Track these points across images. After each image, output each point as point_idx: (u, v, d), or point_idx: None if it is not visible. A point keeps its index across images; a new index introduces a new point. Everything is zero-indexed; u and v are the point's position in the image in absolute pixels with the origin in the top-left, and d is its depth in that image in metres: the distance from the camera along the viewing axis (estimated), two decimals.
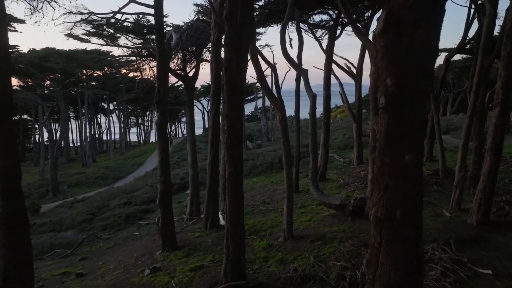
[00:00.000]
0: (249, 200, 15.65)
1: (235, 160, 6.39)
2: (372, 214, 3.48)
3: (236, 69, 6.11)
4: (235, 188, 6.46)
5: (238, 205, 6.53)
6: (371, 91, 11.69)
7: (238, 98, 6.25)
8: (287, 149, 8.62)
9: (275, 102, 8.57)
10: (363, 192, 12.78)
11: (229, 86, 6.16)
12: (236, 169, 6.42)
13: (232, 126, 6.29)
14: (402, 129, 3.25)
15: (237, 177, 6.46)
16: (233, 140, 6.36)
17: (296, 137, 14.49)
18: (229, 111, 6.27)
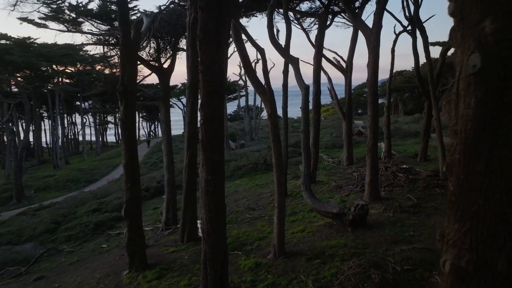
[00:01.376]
0: (232, 206, 14.16)
1: (215, 164, 4.90)
2: (449, 263, 2.03)
3: (215, 47, 4.62)
4: (215, 201, 4.96)
5: (218, 222, 5.04)
6: (369, 83, 10.38)
7: (218, 83, 4.75)
8: (278, 149, 7.17)
9: (263, 93, 7.11)
10: (359, 197, 11.47)
11: (206, 67, 4.64)
12: (215, 176, 4.93)
13: (211, 119, 4.79)
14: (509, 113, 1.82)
15: (217, 186, 4.97)
16: (212, 138, 4.86)
17: (284, 135, 13.07)
18: (207, 99, 4.77)
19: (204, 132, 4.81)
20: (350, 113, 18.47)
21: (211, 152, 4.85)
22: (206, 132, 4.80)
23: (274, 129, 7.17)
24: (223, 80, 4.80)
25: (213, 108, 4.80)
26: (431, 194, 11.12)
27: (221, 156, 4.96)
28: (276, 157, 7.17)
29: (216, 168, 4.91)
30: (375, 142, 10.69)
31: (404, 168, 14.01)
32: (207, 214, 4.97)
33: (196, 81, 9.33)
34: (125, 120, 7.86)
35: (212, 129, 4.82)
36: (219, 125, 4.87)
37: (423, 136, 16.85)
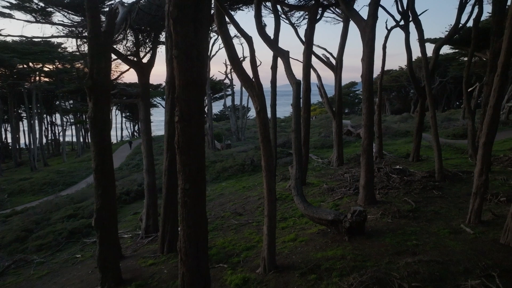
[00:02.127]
0: (218, 210, 13.30)
1: (193, 171, 4.05)
2: None
3: (193, 27, 3.77)
4: (194, 214, 4.12)
5: (198, 239, 4.20)
6: (364, 78, 9.66)
7: (197, 71, 3.90)
8: (268, 151, 6.35)
9: (251, 87, 6.28)
10: (353, 200, 10.76)
11: (182, 51, 3.80)
12: (195, 185, 4.08)
13: (188, 115, 3.95)
14: None
15: (197, 197, 4.12)
16: (190, 139, 4.02)
17: (272, 135, 12.27)
18: (183, 91, 3.92)
19: (180, 131, 3.95)
20: (340, 112, 17.79)
21: (188, 156, 4.00)
22: (182, 131, 3.95)
23: (263, 128, 6.35)
24: (202, 68, 3.94)
25: (191, 103, 3.95)
26: (428, 196, 10.48)
27: (201, 161, 4.11)
28: (266, 160, 6.34)
29: (195, 175, 4.06)
30: (371, 142, 9.99)
31: (397, 169, 13.38)
32: (185, 230, 4.12)
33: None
34: (95, 118, 6.91)
35: (190, 128, 3.97)
36: (198, 123, 4.02)
37: (416, 135, 16.29)
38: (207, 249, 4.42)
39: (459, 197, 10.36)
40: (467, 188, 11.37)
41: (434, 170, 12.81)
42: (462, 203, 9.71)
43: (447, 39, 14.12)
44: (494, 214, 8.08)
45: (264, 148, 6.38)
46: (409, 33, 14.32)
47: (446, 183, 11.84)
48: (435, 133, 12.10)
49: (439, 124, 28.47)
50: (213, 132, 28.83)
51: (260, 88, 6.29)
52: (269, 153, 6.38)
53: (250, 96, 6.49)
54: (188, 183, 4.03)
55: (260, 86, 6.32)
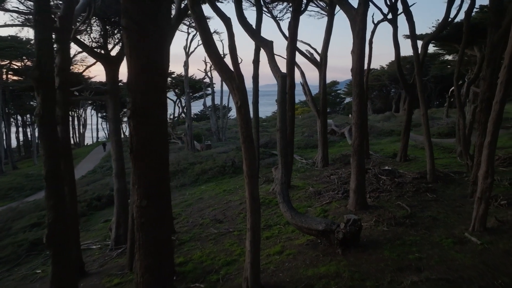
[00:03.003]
0: (196, 217, 12.25)
1: (152, 182, 3.05)
2: None
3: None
4: (154, 240, 3.11)
5: (160, 274, 3.18)
6: (354, 72, 8.83)
7: (156, 50, 2.90)
8: (250, 153, 5.39)
9: (230, 78, 5.31)
10: (342, 205, 9.92)
11: (134, 22, 2.78)
12: (155, 201, 3.08)
13: (144, 108, 2.94)
14: None
15: (158, 218, 3.12)
16: (147, 140, 3.01)
17: (255, 135, 11.34)
18: (137, 78, 2.90)
19: (134, 130, 2.96)
20: (325, 111, 17.01)
21: (146, 163, 3.00)
22: (136, 130, 2.95)
23: (245, 126, 5.38)
24: (163, 46, 2.94)
25: (149, 93, 2.94)
26: (423, 200, 9.76)
27: (163, 169, 3.12)
28: (249, 165, 5.38)
29: (155, 188, 3.07)
30: (362, 142, 9.17)
31: (386, 170, 12.67)
32: (142, 261, 3.11)
33: None
34: (44, 116, 5.78)
35: (146, 126, 2.98)
36: (159, 120, 3.02)
37: (403, 134, 15.68)
38: (172, 285, 3.42)
39: (455, 200, 9.68)
40: (461, 190, 10.76)
41: (425, 171, 12.17)
42: (459, 207, 9.02)
43: (436, 34, 13.52)
44: (498, 220, 7.37)
45: (247, 150, 5.42)
46: (397, 27, 13.67)
47: (439, 185, 11.18)
48: (426, 132, 11.44)
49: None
50: (192, 133, 27.66)
51: (240, 80, 5.33)
52: (251, 155, 5.42)
53: (229, 89, 5.51)
54: (146, 199, 3.04)
55: (241, 77, 5.35)
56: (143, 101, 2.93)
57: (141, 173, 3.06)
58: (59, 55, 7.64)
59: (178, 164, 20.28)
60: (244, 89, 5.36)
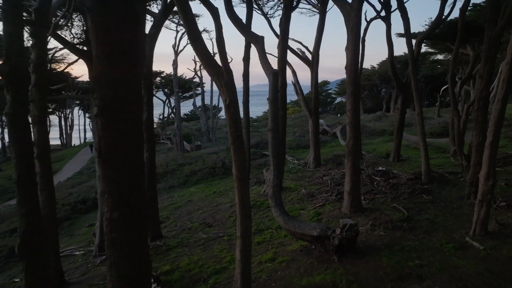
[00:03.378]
0: (185, 220, 11.79)
1: (125, 191, 2.60)
2: None
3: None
4: (126, 260, 2.66)
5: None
6: (348, 70, 8.47)
7: (128, 33, 2.45)
8: (240, 155, 4.97)
9: (218, 74, 4.89)
10: (337, 207, 9.57)
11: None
12: (127, 213, 2.63)
13: (114, 104, 2.50)
14: None
15: (132, 233, 2.68)
16: (117, 142, 2.56)
17: (245, 135, 10.93)
18: (105, 67, 2.46)
19: (103, 130, 2.51)
20: (317, 110, 16.68)
21: (117, 169, 2.55)
22: (106, 130, 2.51)
23: (234, 126, 4.97)
24: (135, 31, 2.51)
25: (118, 87, 2.50)
26: (419, 202, 9.46)
27: (138, 174, 2.68)
28: (239, 167, 4.96)
29: (129, 197, 2.62)
30: (357, 142, 8.82)
31: (380, 171, 12.36)
32: (114, 283, 2.66)
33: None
34: (14, 115, 5.29)
35: (117, 125, 2.53)
36: (132, 119, 2.58)
37: (396, 134, 15.42)
38: None
39: (452, 201, 9.40)
40: (457, 191, 10.49)
41: (420, 171, 11.90)
42: (457, 209, 8.74)
43: (430, 32, 13.26)
44: (499, 223, 7.08)
45: (236, 152, 5.00)
46: (390, 24, 13.38)
47: (434, 186, 10.91)
48: (421, 132, 11.14)
49: (414, 122, 28.09)
50: (181, 133, 27.11)
51: (229, 76, 4.91)
52: (241, 157, 5.00)
53: (217, 86, 5.09)
54: (117, 211, 2.60)
55: (230, 72, 4.93)
56: (112, 96, 2.49)
57: (111, 180, 2.63)
58: (35, 50, 7.13)
59: (167, 165, 19.75)
60: (233, 86, 4.94)
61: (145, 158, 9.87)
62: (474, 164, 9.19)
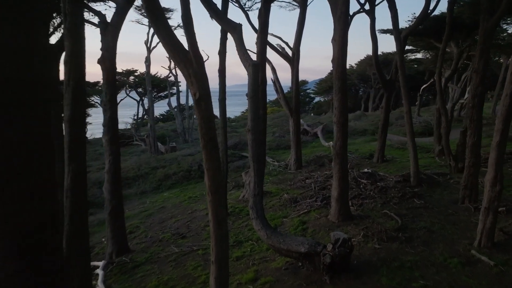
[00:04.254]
0: (156, 230, 10.69)
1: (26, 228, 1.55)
2: None
3: None
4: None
5: None
6: (335, 64, 7.64)
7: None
8: (213, 162, 4.01)
9: (185, 61, 3.91)
10: (323, 214, 8.73)
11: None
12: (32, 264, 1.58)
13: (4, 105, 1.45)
14: None
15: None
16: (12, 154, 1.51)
17: (222, 136, 9.96)
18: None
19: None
20: (298, 109, 15.88)
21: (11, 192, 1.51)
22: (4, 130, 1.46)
23: (206, 125, 4.00)
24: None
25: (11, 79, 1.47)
26: (411, 207, 8.75)
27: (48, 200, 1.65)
28: (212, 177, 4.00)
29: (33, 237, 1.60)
30: (345, 143, 8.00)
31: (366, 173, 11.64)
32: None
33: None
34: None
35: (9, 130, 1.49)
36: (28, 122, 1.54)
37: (380, 134, 14.79)
38: None
39: (445, 206, 8.74)
40: (448, 194, 9.87)
41: (408, 173, 11.26)
42: (452, 215, 8.06)
43: (415, 27, 12.66)
44: (504, 232, 6.40)
45: (209, 157, 4.03)
46: (374, 18, 12.69)
47: (424, 189, 10.27)
48: (410, 131, 10.47)
49: (394, 122, 27.81)
50: (155, 134, 25.79)
51: (199, 63, 3.94)
52: (215, 164, 4.04)
53: (185, 77, 4.10)
54: (15, 262, 1.58)
55: (200, 59, 3.96)
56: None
57: (3, 211, 1.60)
58: None
59: (139, 168, 18.49)
60: (204, 76, 3.97)
61: (108, 163, 8.79)
62: (468, 165, 8.55)
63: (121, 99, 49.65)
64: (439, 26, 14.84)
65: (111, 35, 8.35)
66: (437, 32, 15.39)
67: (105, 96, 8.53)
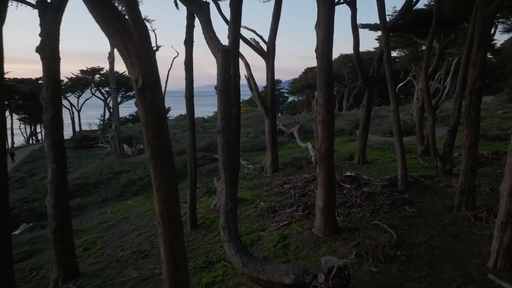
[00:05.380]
0: (115, 246, 9.29)
1: None
2: None
3: None
4: None
5: None
6: (320, 54, 6.55)
7: None
8: (166, 177, 2.75)
9: (122, 33, 2.63)
10: (306, 226, 7.61)
11: None
12: None
13: None
14: None
15: None
16: None
17: (190, 139, 8.69)
18: None
19: None
20: (274, 108, 14.79)
21: None
22: None
23: (154, 126, 2.77)
24: None
25: None
26: (403, 217, 7.80)
27: None
28: (163, 201, 2.76)
29: None
30: (331, 146, 6.93)
31: (349, 177, 10.68)
32: None
33: None
34: None
35: None
36: None
37: (361, 134, 13.93)
38: None
39: (440, 214, 7.84)
40: (440, 199, 9.02)
41: (393, 176, 10.40)
42: (450, 226, 7.16)
43: (397, 20, 11.84)
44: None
45: (159, 171, 2.83)
46: (356, 9, 11.77)
47: (413, 194, 9.40)
48: (397, 130, 9.57)
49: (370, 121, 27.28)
50: (121, 135, 24.01)
51: (143, 37, 2.70)
52: (169, 181, 2.80)
53: (122, 56, 2.84)
54: None
55: (144, 31, 2.73)
56: None
57: None
58: None
59: (101, 173, 16.83)
60: (150, 55, 2.74)
61: (51, 171, 7.31)
62: (465, 169, 7.69)
63: (86, 99, 47.19)
64: (420, 21, 14.18)
65: (52, 18, 6.91)
66: (417, 27, 14.73)
67: (46, 91, 7.07)
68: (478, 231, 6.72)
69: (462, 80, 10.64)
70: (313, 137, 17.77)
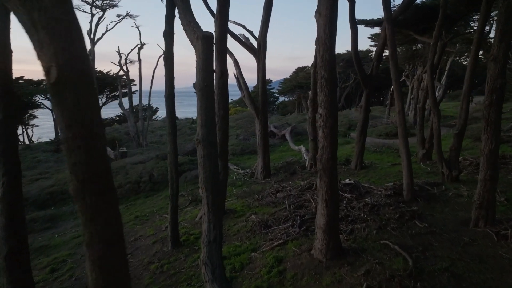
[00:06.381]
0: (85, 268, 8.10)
1: None
2: None
3: None
4: None
5: None
6: (321, 45, 5.54)
7: None
8: (103, 232, 1.64)
9: None
10: (305, 247, 6.58)
11: None
12: None
13: None
14: None
15: None
16: None
17: (170, 142, 7.60)
18: None
19: None
20: (265, 109, 13.76)
21: None
22: None
23: (83, 142, 1.63)
24: None
25: None
26: (415, 234, 6.83)
27: None
28: (98, 265, 1.64)
29: None
30: (334, 154, 5.90)
31: (349, 185, 9.69)
32: None
33: None
34: None
35: None
36: None
37: (359, 137, 12.97)
38: None
39: (456, 231, 6.89)
40: (451, 211, 8.08)
41: (396, 184, 9.47)
42: (471, 246, 6.20)
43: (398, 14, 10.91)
44: None
45: (88, 218, 1.70)
46: (354, 2, 10.80)
47: (421, 204, 8.45)
48: (403, 134, 8.61)
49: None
50: None
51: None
52: (106, 234, 1.69)
53: (28, 33, 1.71)
54: None
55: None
56: None
57: None
58: None
59: None
60: (73, 27, 1.63)
61: (1, 186, 6.14)
62: (484, 179, 6.76)
63: None
64: (421, 15, 13.32)
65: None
66: (417, 22, 13.88)
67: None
68: (505, 253, 5.78)
69: (470, 79, 9.79)
70: (306, 140, 16.80)
